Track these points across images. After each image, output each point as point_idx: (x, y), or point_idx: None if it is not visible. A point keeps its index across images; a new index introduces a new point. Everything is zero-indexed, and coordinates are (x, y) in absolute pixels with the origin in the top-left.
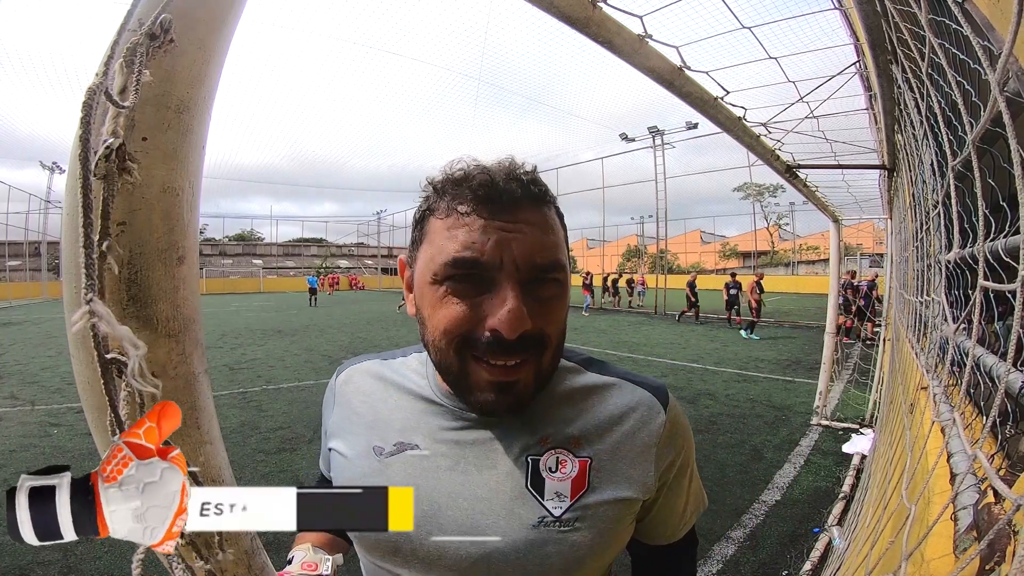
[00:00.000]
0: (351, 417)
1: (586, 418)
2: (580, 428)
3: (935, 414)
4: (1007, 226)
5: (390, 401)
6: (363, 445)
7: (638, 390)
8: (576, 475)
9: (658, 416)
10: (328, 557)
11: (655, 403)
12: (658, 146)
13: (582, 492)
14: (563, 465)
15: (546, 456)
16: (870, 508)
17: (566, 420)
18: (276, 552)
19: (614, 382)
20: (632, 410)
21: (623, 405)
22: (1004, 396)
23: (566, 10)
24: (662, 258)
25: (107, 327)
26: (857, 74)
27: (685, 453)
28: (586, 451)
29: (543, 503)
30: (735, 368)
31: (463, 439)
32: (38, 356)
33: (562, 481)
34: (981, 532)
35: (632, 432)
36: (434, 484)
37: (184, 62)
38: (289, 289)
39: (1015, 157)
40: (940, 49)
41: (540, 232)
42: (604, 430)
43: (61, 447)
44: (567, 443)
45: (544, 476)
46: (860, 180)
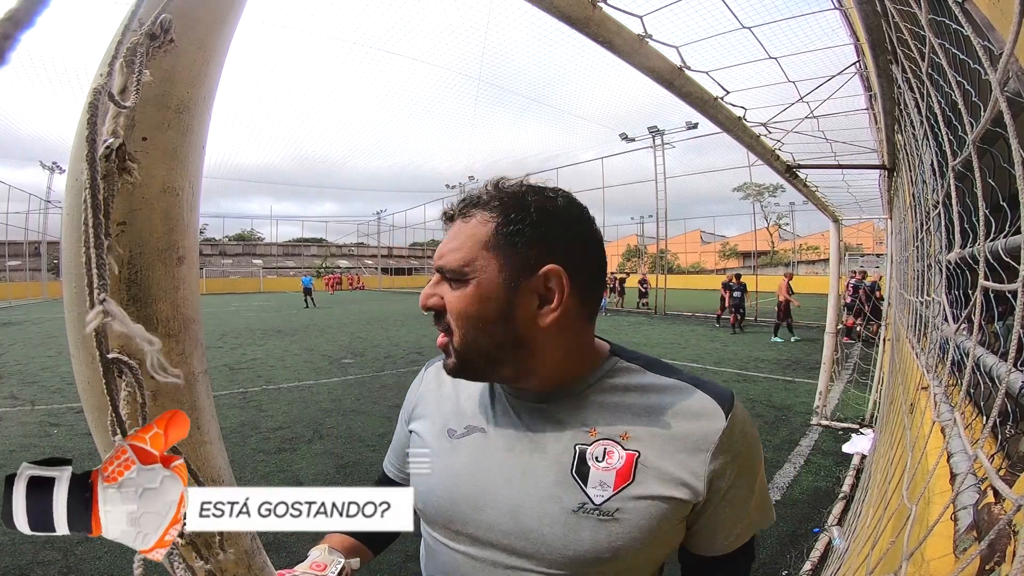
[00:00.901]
0: (433, 405)
1: (639, 414)
2: (632, 423)
3: (935, 414)
4: (1007, 226)
5: (465, 392)
6: (440, 427)
7: (699, 394)
8: (622, 467)
9: (717, 422)
10: (341, 560)
11: (716, 409)
12: (658, 146)
13: (626, 484)
14: (609, 455)
15: (594, 445)
16: (870, 508)
17: (619, 414)
18: (276, 552)
19: (676, 384)
20: (689, 412)
21: (680, 407)
22: (1004, 396)
23: (566, 10)
24: (662, 258)
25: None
26: (857, 74)
27: (746, 464)
28: (634, 445)
29: (585, 490)
30: (735, 368)
31: (520, 424)
32: (38, 356)
33: (607, 471)
34: (981, 532)
35: (685, 434)
36: (490, 464)
37: (184, 62)
38: (289, 289)
39: (1016, 157)
40: (940, 49)
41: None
42: (656, 428)
43: (61, 447)
44: (617, 436)
45: (590, 464)
46: (860, 180)
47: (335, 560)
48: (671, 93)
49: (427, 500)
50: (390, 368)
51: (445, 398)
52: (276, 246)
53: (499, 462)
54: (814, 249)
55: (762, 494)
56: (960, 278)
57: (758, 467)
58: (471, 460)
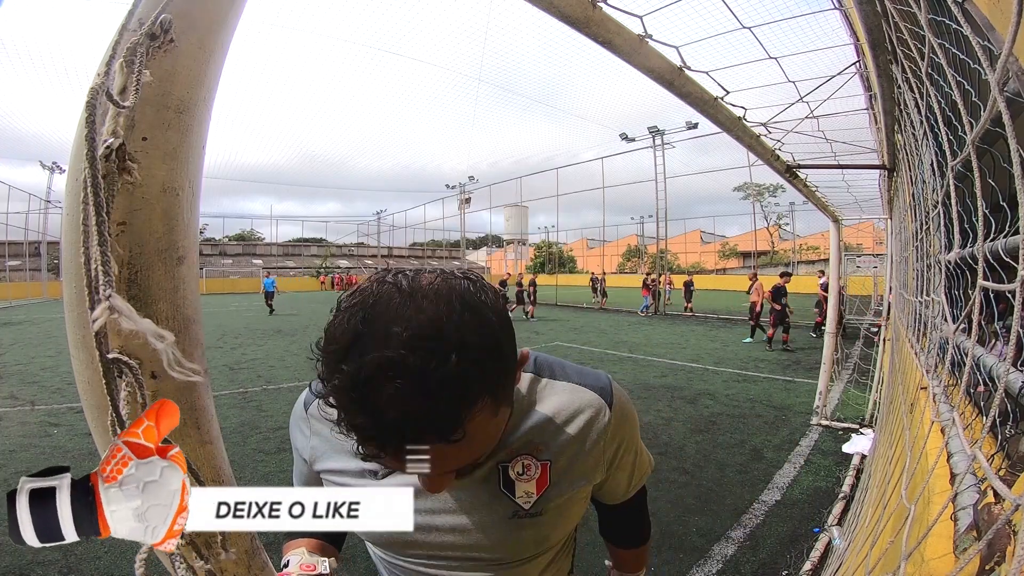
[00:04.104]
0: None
1: (543, 425)
2: (539, 435)
3: (935, 414)
4: (1007, 226)
5: None
6: (355, 469)
7: (585, 393)
8: (540, 475)
9: (604, 416)
10: (324, 559)
11: (600, 404)
12: (658, 146)
13: (546, 488)
14: (528, 469)
15: (514, 462)
16: (870, 508)
17: (527, 429)
18: (276, 552)
19: (565, 387)
20: (581, 412)
21: (573, 409)
22: (1004, 396)
23: (566, 10)
24: (662, 258)
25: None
26: (857, 74)
27: (629, 437)
28: (546, 454)
29: (515, 500)
30: (735, 368)
31: None
32: (38, 356)
33: (529, 482)
34: (981, 532)
35: (582, 434)
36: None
37: (184, 62)
38: (289, 289)
39: (1015, 157)
40: (940, 49)
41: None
42: (559, 434)
43: (61, 447)
44: (531, 449)
45: (513, 479)
46: (860, 180)
47: (320, 561)
48: (671, 93)
49: (379, 538)
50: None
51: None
52: (276, 246)
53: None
54: (814, 249)
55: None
56: (960, 278)
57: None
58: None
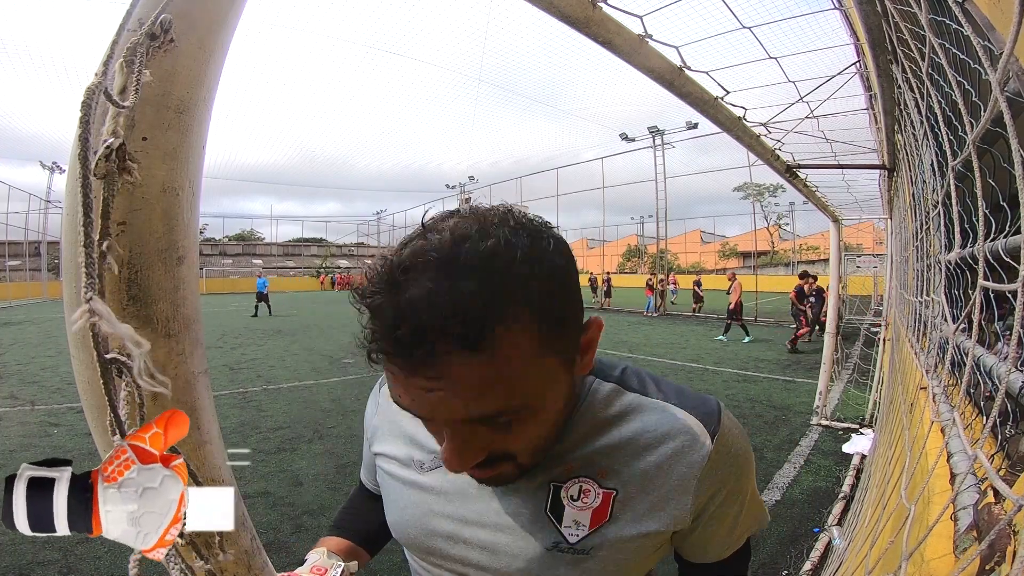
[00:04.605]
0: (395, 428)
1: (617, 446)
2: (610, 457)
3: (935, 414)
4: (1007, 226)
5: None
6: (405, 456)
7: (681, 415)
8: (598, 506)
9: (702, 448)
10: (340, 563)
11: (701, 431)
12: (658, 146)
13: (603, 523)
14: (586, 495)
15: (570, 483)
16: (870, 508)
17: (595, 447)
18: (276, 552)
19: (656, 404)
20: (670, 438)
21: (661, 432)
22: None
23: (566, 10)
24: (662, 258)
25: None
26: (857, 74)
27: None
28: (613, 482)
29: (560, 529)
30: (735, 368)
31: None
32: (38, 356)
33: (583, 511)
34: (981, 532)
35: (668, 464)
36: (463, 500)
37: (184, 62)
38: (289, 289)
39: (1016, 157)
40: (940, 49)
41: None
42: (636, 461)
43: (61, 447)
44: (593, 472)
45: (565, 503)
46: (860, 180)
47: (334, 564)
48: (671, 93)
49: (402, 533)
50: None
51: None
52: (276, 246)
53: (472, 497)
54: (814, 249)
55: (753, 503)
56: (960, 278)
57: (749, 482)
58: (442, 495)
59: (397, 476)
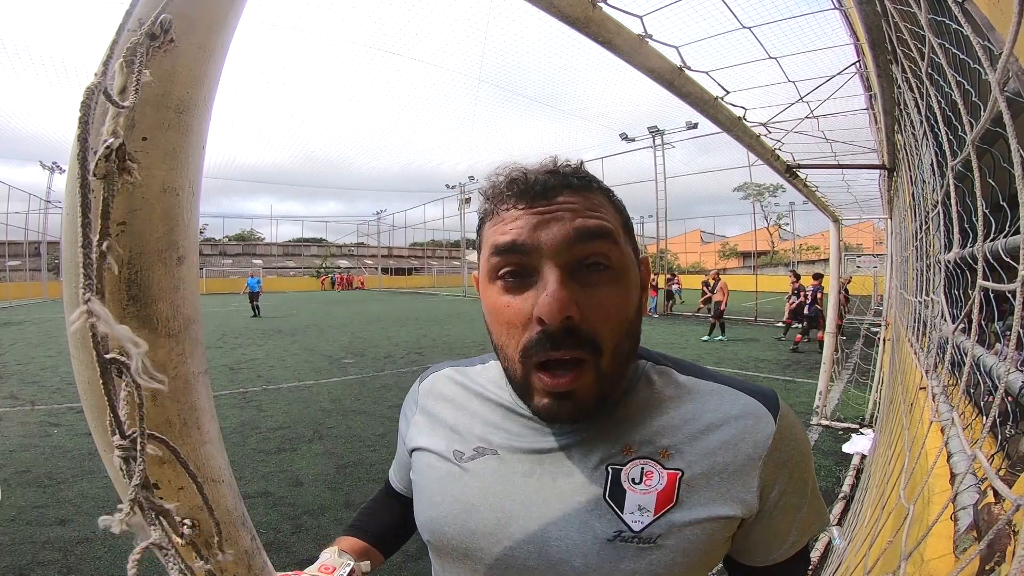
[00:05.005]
0: (433, 422)
1: (678, 425)
2: (671, 437)
3: (934, 414)
4: (1007, 226)
5: (471, 407)
6: (444, 448)
7: (742, 396)
8: (663, 488)
9: (766, 426)
10: (350, 562)
11: (763, 411)
12: (658, 146)
13: (669, 507)
14: (648, 476)
15: (630, 466)
16: (870, 508)
17: (654, 427)
18: (276, 552)
19: (713, 387)
20: (735, 418)
21: (724, 412)
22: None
23: (566, 10)
24: (662, 258)
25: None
26: (857, 74)
27: (798, 468)
28: (676, 462)
29: (622, 516)
30: (735, 368)
31: (541, 446)
32: (38, 356)
33: (646, 494)
34: (981, 532)
35: (733, 443)
36: (509, 491)
37: (184, 62)
38: (289, 289)
39: (1015, 157)
40: (940, 49)
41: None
42: (699, 440)
43: (61, 447)
44: (655, 453)
45: (626, 487)
46: (860, 180)
47: (344, 563)
48: (671, 93)
49: (437, 532)
50: (390, 368)
51: (448, 415)
52: (276, 246)
53: (517, 488)
54: (814, 249)
55: (815, 496)
56: (960, 278)
57: (810, 469)
58: (485, 486)
59: (434, 469)
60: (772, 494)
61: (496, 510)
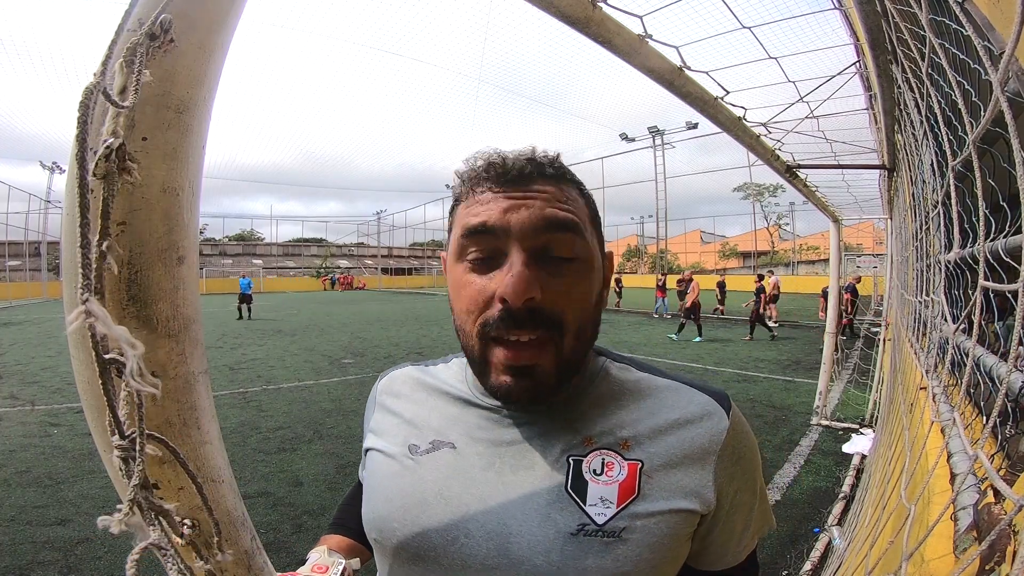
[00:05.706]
0: (389, 419)
1: (638, 419)
2: (630, 429)
3: (935, 414)
4: (1007, 226)
5: (429, 402)
6: (399, 444)
7: (697, 394)
8: (625, 479)
9: (720, 422)
10: (341, 561)
11: (717, 408)
12: (658, 146)
13: (631, 499)
14: (610, 467)
15: (591, 456)
16: (870, 508)
17: (615, 420)
18: (276, 552)
19: (671, 384)
20: (691, 414)
21: (681, 408)
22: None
23: (566, 10)
24: (662, 258)
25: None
26: (857, 74)
27: (749, 466)
28: (637, 453)
29: (584, 508)
30: (735, 368)
31: (500, 438)
32: (38, 356)
33: (608, 485)
34: (981, 532)
35: (690, 437)
36: (465, 484)
37: (184, 62)
38: (289, 289)
39: (1016, 157)
40: (940, 49)
41: (552, 200)
42: (658, 433)
43: (61, 447)
44: (615, 444)
45: (587, 479)
46: (860, 180)
47: (336, 561)
48: (671, 93)
49: (386, 530)
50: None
51: (405, 410)
52: (276, 246)
53: (475, 481)
54: (814, 249)
55: (763, 496)
56: (960, 278)
57: (759, 468)
58: (440, 481)
59: (386, 464)
60: (728, 490)
61: (451, 504)
